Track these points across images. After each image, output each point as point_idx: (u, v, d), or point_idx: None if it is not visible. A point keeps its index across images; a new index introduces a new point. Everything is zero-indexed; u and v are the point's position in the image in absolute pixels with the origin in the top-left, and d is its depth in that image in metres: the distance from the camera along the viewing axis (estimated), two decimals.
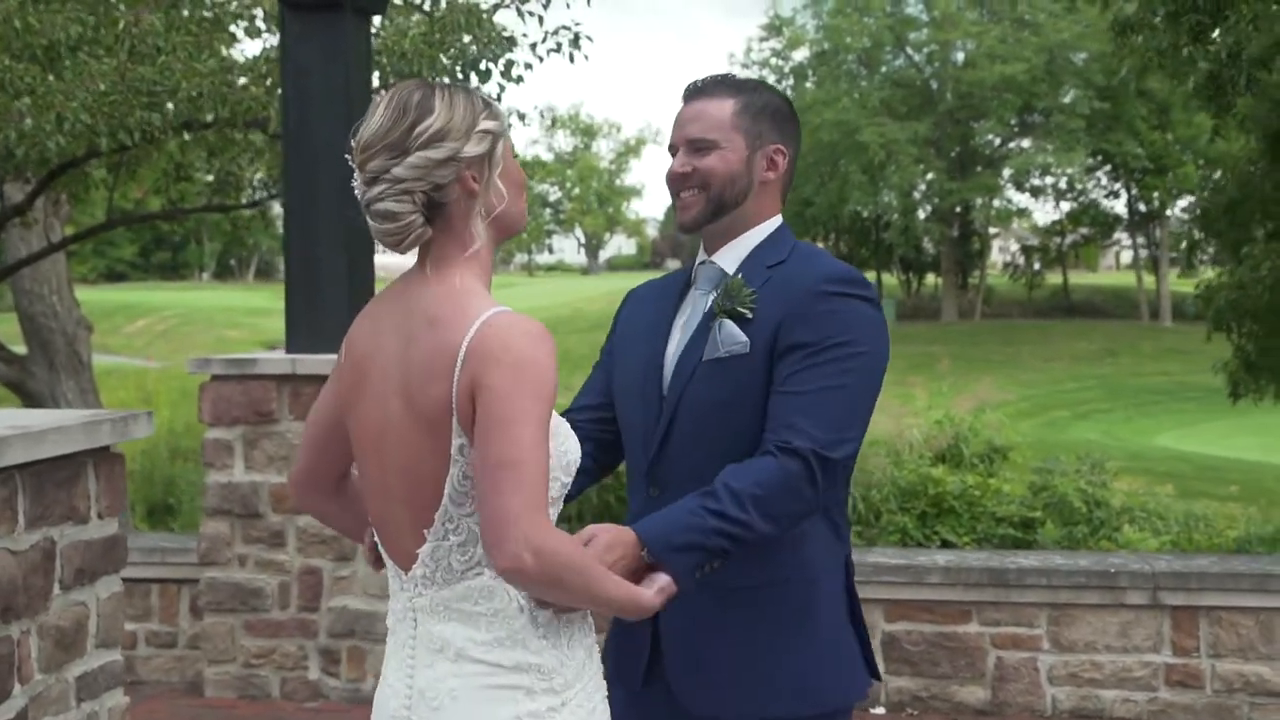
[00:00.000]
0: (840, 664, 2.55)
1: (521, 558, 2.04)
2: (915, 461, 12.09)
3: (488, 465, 2.07)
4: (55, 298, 15.11)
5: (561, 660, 2.23)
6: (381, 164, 2.17)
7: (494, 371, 2.08)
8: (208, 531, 5.96)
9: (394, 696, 2.29)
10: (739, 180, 2.54)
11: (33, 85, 7.41)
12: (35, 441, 3.20)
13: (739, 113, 2.54)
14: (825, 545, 2.53)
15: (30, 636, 3.30)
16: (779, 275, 2.50)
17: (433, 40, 8.17)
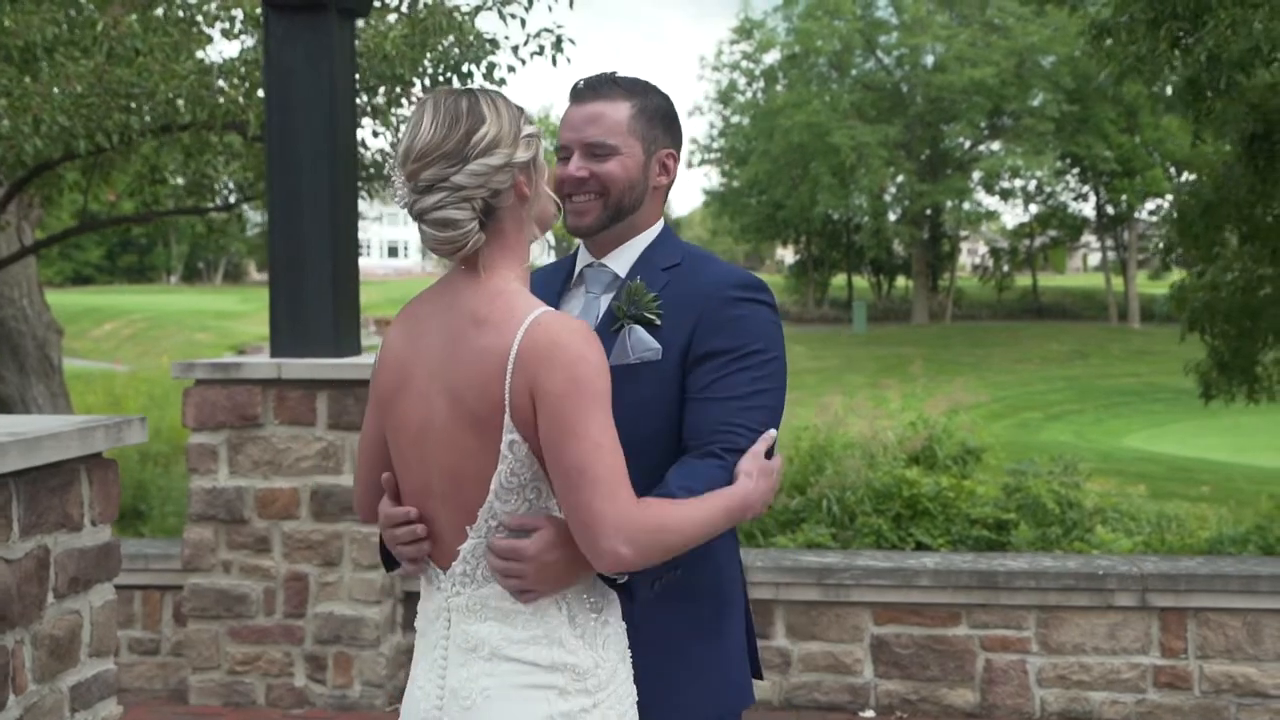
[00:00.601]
0: (742, 668, 2.57)
1: (619, 553, 2.11)
2: (889, 463, 12.12)
3: (563, 471, 2.13)
4: (25, 301, 14.98)
5: (596, 661, 2.25)
6: (439, 172, 2.19)
7: (550, 374, 2.12)
8: (192, 537, 5.90)
9: (425, 698, 2.30)
10: (636, 186, 2.52)
11: (9, 87, 7.32)
12: (30, 448, 3.15)
13: (635, 116, 2.51)
14: (729, 551, 2.54)
15: (24, 646, 3.24)
16: (677, 279, 2.49)
17: (414, 42, 8.11)
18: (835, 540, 10.83)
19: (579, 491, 2.11)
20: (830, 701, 5.89)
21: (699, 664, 2.47)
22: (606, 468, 2.11)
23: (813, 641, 5.90)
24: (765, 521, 12.18)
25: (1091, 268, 79.56)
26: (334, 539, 5.82)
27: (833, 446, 12.95)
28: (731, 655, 2.53)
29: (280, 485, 5.84)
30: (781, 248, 62.16)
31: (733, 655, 2.53)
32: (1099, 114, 44.93)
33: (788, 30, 49.74)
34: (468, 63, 8.27)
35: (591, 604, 2.27)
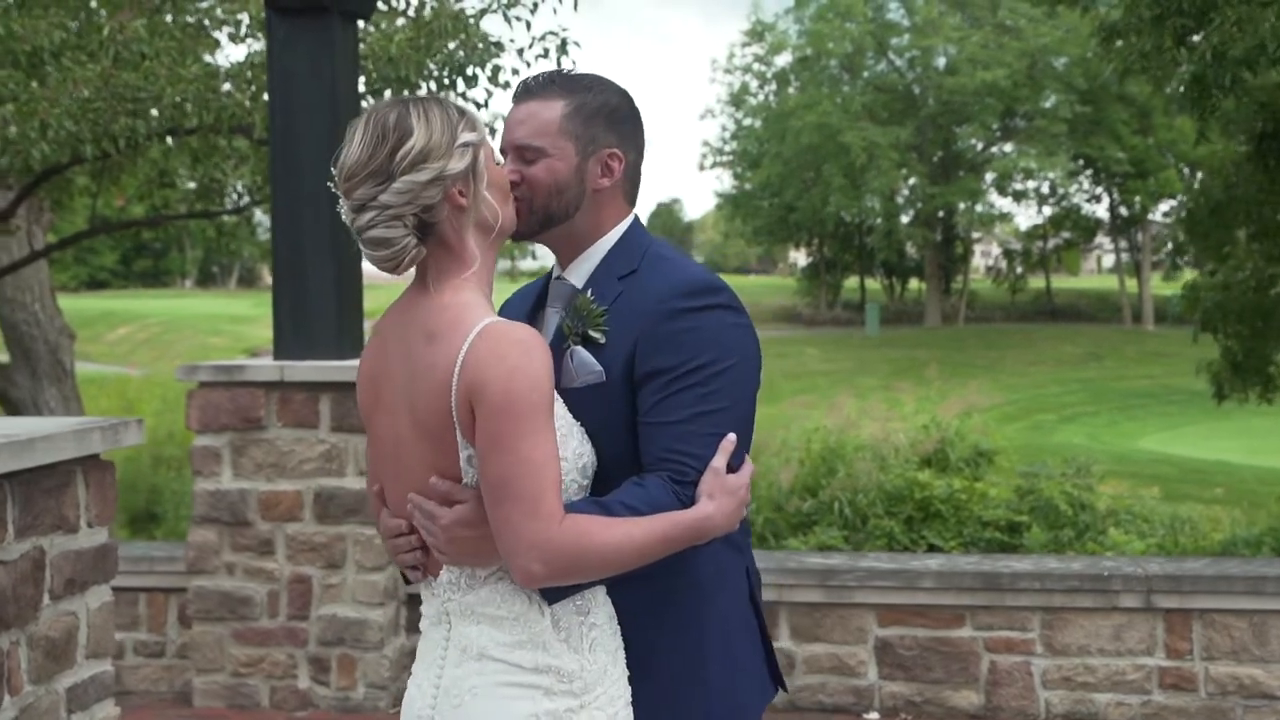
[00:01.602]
0: (732, 679, 2.43)
1: (530, 570, 2.11)
2: (902, 466, 12.09)
3: (487, 485, 2.13)
4: (38, 305, 15.03)
5: (582, 665, 2.25)
6: (368, 191, 2.17)
7: (485, 386, 2.10)
8: (195, 540, 5.91)
9: (420, 696, 2.32)
10: (567, 191, 2.36)
11: (16, 92, 7.35)
12: (24, 449, 3.16)
13: (569, 116, 2.36)
14: (712, 558, 2.38)
15: (20, 647, 3.25)
16: (631, 288, 2.34)
17: (419, 45, 8.13)
18: (847, 543, 10.80)
19: (499, 506, 2.11)
20: (835, 703, 5.88)
21: (668, 674, 2.39)
22: (530, 483, 2.09)
23: (817, 643, 5.89)
24: (777, 524, 12.17)
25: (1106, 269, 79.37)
26: (337, 541, 5.82)
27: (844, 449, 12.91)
28: (715, 666, 2.41)
29: (284, 487, 5.85)
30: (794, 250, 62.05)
31: (717, 667, 2.41)
32: (1112, 115, 44.80)
33: (799, 32, 49.72)
34: (472, 66, 8.29)
35: (578, 606, 2.27)
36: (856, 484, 12.01)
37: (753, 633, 2.50)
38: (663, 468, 2.25)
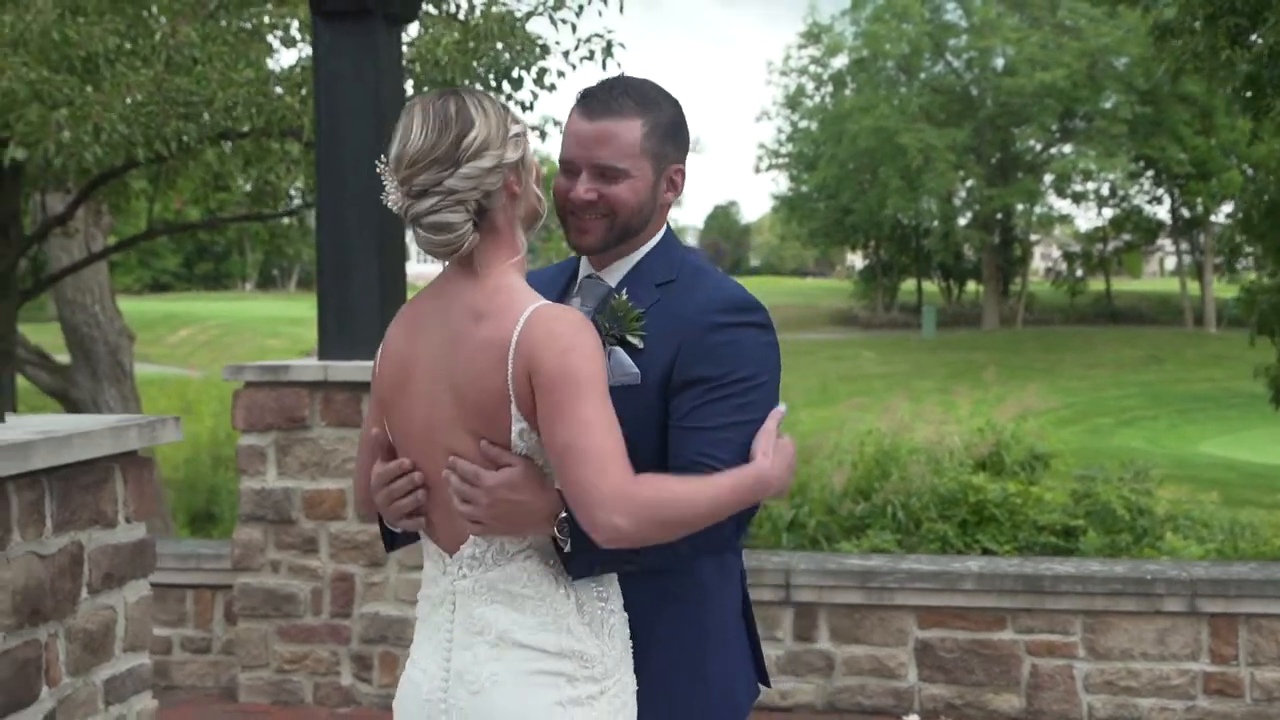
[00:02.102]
0: (731, 676, 2.49)
1: (614, 523, 2.13)
2: (955, 469, 12.01)
3: (556, 452, 2.17)
4: (98, 307, 15.29)
5: (602, 650, 2.28)
6: (432, 177, 2.22)
7: (544, 361, 2.16)
8: (241, 537, 5.99)
9: (427, 680, 2.34)
10: (645, 208, 2.41)
11: (71, 96, 7.48)
12: (62, 446, 3.22)
13: (648, 135, 2.39)
14: (715, 565, 2.44)
15: (58, 640, 3.32)
16: (667, 297, 2.39)
17: (466, 49, 8.19)
18: (900, 546, 10.74)
19: (571, 469, 2.15)
20: (874, 705, 5.86)
21: (673, 669, 2.43)
22: (597, 444, 2.14)
23: (856, 645, 5.88)
24: (829, 526, 12.14)
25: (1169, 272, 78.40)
26: (379, 540, 5.86)
27: (898, 452, 12.86)
28: (716, 663, 2.47)
29: (327, 486, 5.91)
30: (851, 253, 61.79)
31: (721, 654, 2.48)
32: (1173, 116, 44.25)
33: (855, 34, 49.52)
34: (517, 68, 8.34)
35: (599, 593, 2.31)
36: (910, 487, 11.95)
37: (743, 633, 2.56)
38: (694, 469, 2.28)
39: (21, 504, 3.15)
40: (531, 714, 2.23)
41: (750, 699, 2.55)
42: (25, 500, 3.16)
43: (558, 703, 2.23)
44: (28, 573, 3.17)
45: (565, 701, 2.23)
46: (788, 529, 12.14)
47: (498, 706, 2.25)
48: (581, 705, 2.24)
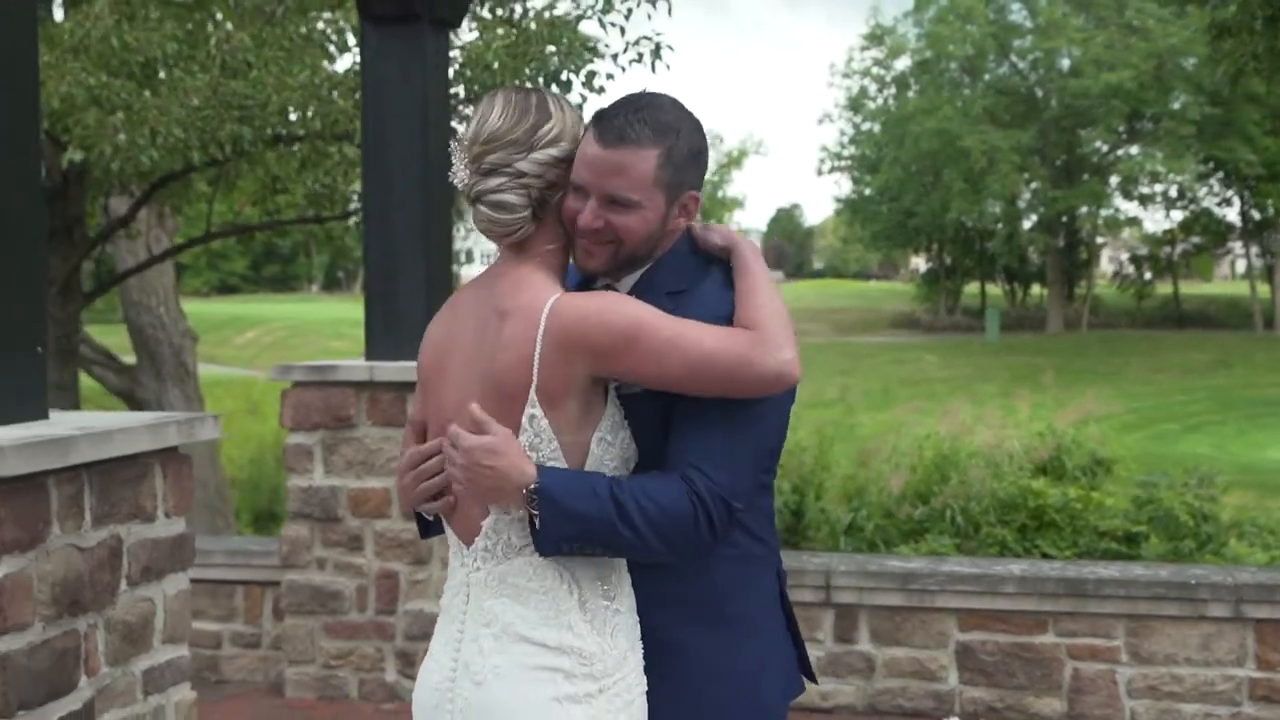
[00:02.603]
0: (756, 678, 2.46)
1: (778, 364, 2.28)
2: (1015, 473, 11.93)
3: (689, 384, 2.27)
4: (162, 309, 15.54)
5: (603, 647, 2.31)
6: (504, 157, 2.32)
7: (591, 337, 2.25)
8: (288, 534, 6.09)
9: (438, 669, 2.39)
10: (654, 237, 2.40)
11: (129, 101, 7.63)
12: (101, 441, 3.31)
13: (663, 166, 2.34)
14: (735, 559, 2.43)
15: (97, 630, 3.40)
16: (680, 306, 2.36)
17: (517, 52, 8.26)
18: (959, 551, 10.69)
19: (716, 381, 2.26)
20: (915, 707, 5.85)
21: (693, 663, 2.43)
22: (703, 343, 2.25)
23: (897, 647, 5.87)
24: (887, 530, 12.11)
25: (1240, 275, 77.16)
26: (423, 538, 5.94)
27: (958, 456, 12.79)
28: (742, 656, 2.45)
29: (372, 485, 6.00)
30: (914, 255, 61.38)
31: (745, 656, 2.45)
32: (1242, 116, 43.55)
33: (918, 36, 49.23)
34: (567, 71, 8.40)
35: (604, 591, 2.34)
36: (969, 491, 11.89)
37: (780, 631, 2.53)
38: (680, 473, 2.29)
39: (61, 497, 3.24)
40: (528, 708, 2.27)
41: (787, 695, 2.53)
42: (65, 494, 3.25)
43: (554, 698, 2.26)
44: (67, 565, 3.26)
45: (562, 697, 2.26)
46: (845, 532, 12.12)
47: (497, 699, 2.29)
48: (578, 702, 2.27)
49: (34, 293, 3.44)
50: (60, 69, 7.30)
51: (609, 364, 2.26)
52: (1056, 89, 46.64)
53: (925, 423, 20.08)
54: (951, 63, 47.86)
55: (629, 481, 2.29)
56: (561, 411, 2.28)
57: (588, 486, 2.25)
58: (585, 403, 2.30)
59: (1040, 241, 49.14)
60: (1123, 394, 35.03)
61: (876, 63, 51.69)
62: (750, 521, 2.44)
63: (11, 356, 3.35)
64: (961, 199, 45.22)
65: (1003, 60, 48.67)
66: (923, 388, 33.80)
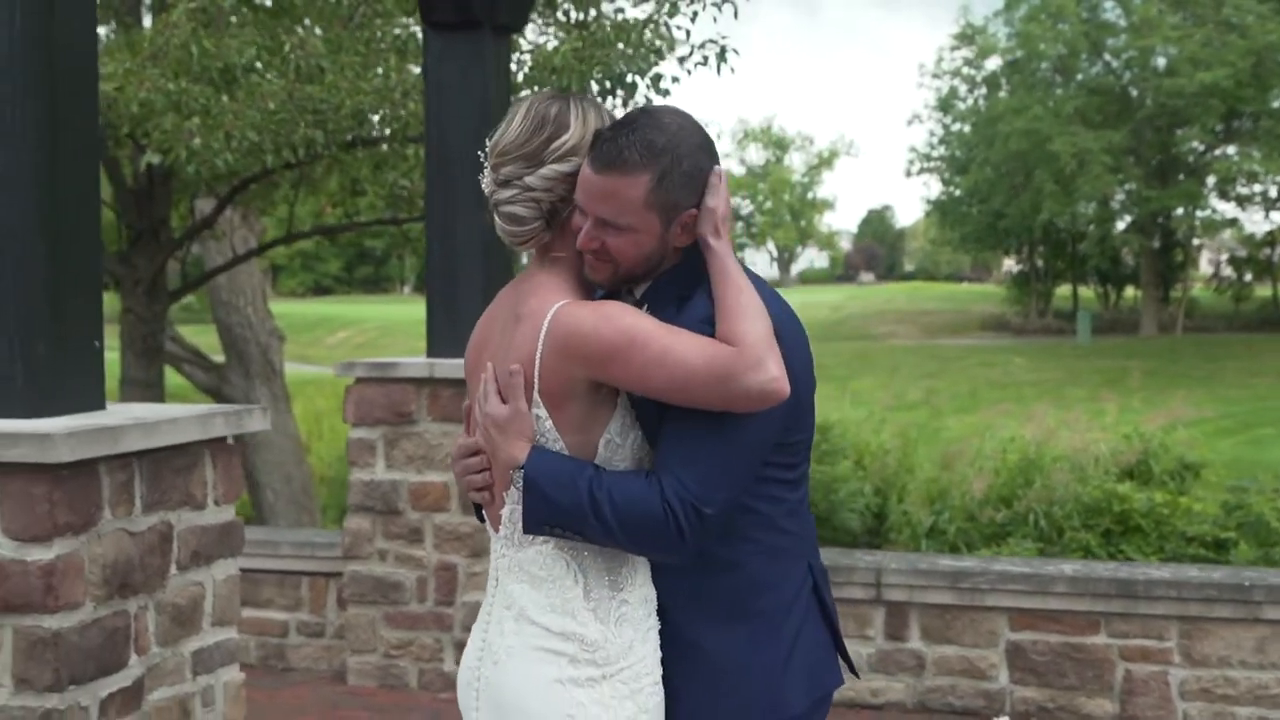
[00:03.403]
0: (779, 675, 2.48)
1: (759, 380, 2.28)
2: (1101, 477, 11.78)
3: (674, 399, 2.31)
4: (250, 309, 15.90)
5: (606, 636, 2.39)
6: (515, 170, 2.41)
7: (582, 349, 2.32)
8: (351, 527, 6.26)
9: (472, 649, 2.53)
10: (651, 256, 2.44)
11: (207, 106, 7.87)
12: (150, 431, 3.47)
13: (655, 189, 2.36)
14: (757, 553, 2.46)
15: (147, 612, 3.56)
16: (682, 315, 2.41)
17: (584, 55, 8.38)
18: (1042, 555, 10.60)
19: (699, 397, 2.29)
20: (965, 706, 5.87)
21: (714, 660, 2.46)
22: (688, 356, 2.29)
23: (947, 645, 5.90)
24: (969, 533, 12.05)
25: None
26: (481, 531, 6.08)
27: (1042, 460, 12.67)
28: (764, 654, 2.47)
29: (432, 479, 6.14)
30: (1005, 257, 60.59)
31: (767, 654, 2.47)
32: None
33: (1009, 35, 48.63)
34: (632, 74, 8.50)
35: (611, 582, 2.42)
36: (1052, 495, 11.78)
37: (813, 625, 2.55)
38: (656, 476, 2.35)
39: (112, 484, 3.40)
40: (534, 687, 2.37)
41: (812, 692, 2.53)
42: (116, 481, 3.41)
43: (558, 680, 2.36)
44: (118, 548, 3.42)
45: (565, 680, 2.36)
46: (927, 535, 12.08)
47: (508, 677, 2.40)
48: (581, 686, 2.36)
49: (91, 292, 3.61)
50: (140, 75, 7.56)
51: (600, 372, 2.33)
52: (1151, 88, 45.77)
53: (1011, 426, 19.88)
54: (1043, 62, 47.22)
55: (609, 478, 2.35)
56: (564, 413, 2.37)
57: (569, 476, 2.33)
58: (589, 405, 2.38)
59: (1134, 243, 48.29)
60: (1217, 398, 34.37)
61: (966, 63, 51.16)
62: (776, 516, 2.48)
63: (70, 351, 3.52)
64: (1053, 200, 44.57)
65: (1095, 59, 47.91)
66: (1010, 391, 33.41)
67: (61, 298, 3.47)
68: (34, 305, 3.41)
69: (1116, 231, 47.84)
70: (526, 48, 9.10)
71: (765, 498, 2.45)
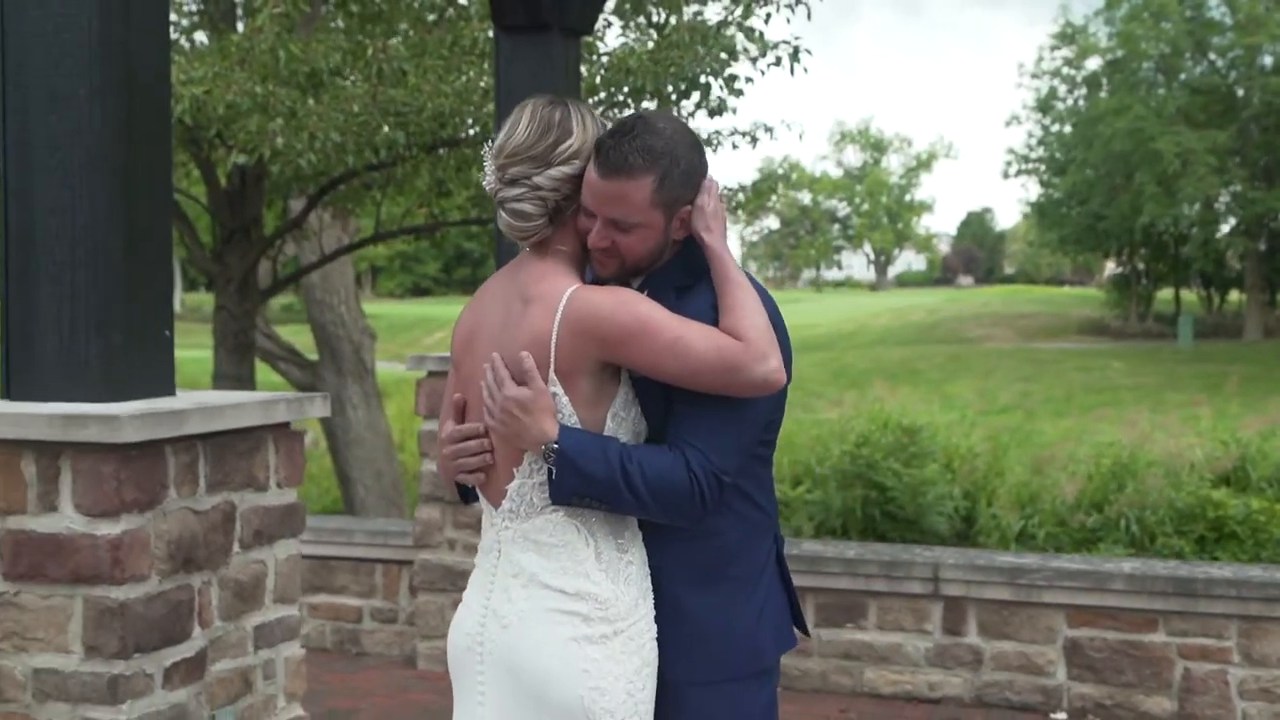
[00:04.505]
0: (755, 629, 2.72)
1: (767, 369, 2.51)
2: (1195, 483, 11.63)
3: (684, 382, 2.52)
4: (343, 307, 16.27)
5: (617, 594, 2.58)
6: (523, 170, 2.61)
7: (601, 328, 2.51)
8: (421, 517, 6.46)
9: (470, 616, 2.69)
10: (655, 250, 2.67)
11: (292, 108, 8.14)
12: (213, 415, 3.66)
13: (657, 190, 2.60)
14: (737, 524, 2.70)
15: (211, 587, 3.76)
16: (684, 302, 2.63)
17: (659, 58, 8.51)
18: None
19: (708, 382, 2.50)
20: (1022, 701, 5.91)
21: (698, 617, 2.68)
22: (700, 345, 2.49)
23: (1005, 641, 5.94)
24: (1059, 538, 11.98)
25: None
26: None
27: (1136, 464, 12.54)
28: (741, 612, 2.71)
29: None
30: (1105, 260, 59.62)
31: (743, 612, 2.72)
32: None
33: (1109, 34, 47.91)
34: (705, 75, 8.62)
35: (618, 545, 2.61)
36: (1145, 500, 11.67)
37: (777, 589, 2.81)
38: (676, 449, 2.58)
39: (178, 464, 3.60)
40: (550, 647, 2.53)
41: (780, 647, 2.80)
42: (181, 461, 3.61)
43: (573, 639, 2.53)
44: (182, 525, 3.61)
45: (580, 638, 2.53)
46: (1016, 539, 12.03)
47: (522, 640, 2.56)
48: (595, 643, 2.53)
49: (162, 284, 3.82)
50: (228, 79, 7.84)
51: (614, 353, 2.52)
52: (1257, 87, 44.80)
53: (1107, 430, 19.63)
54: (1145, 62, 46.46)
55: (637, 451, 2.56)
56: (576, 389, 2.55)
57: (600, 451, 2.53)
58: (599, 383, 2.57)
59: (1239, 245, 47.34)
60: None
61: (1066, 62, 50.49)
62: (753, 491, 2.72)
63: (141, 340, 3.73)
64: (1155, 202, 43.83)
65: (1200, 58, 47.02)
66: (1108, 395, 32.95)
67: (134, 289, 3.67)
68: (109, 295, 3.61)
69: (1221, 234, 46.90)
70: (603, 50, 9.24)
71: (749, 475, 2.68)
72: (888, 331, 51.74)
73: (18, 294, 3.65)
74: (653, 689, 2.64)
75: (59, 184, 3.62)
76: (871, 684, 6.10)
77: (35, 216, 3.63)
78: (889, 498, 11.07)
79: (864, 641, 6.10)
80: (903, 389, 33.09)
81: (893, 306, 65.00)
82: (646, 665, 2.60)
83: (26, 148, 3.63)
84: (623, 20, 10.11)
